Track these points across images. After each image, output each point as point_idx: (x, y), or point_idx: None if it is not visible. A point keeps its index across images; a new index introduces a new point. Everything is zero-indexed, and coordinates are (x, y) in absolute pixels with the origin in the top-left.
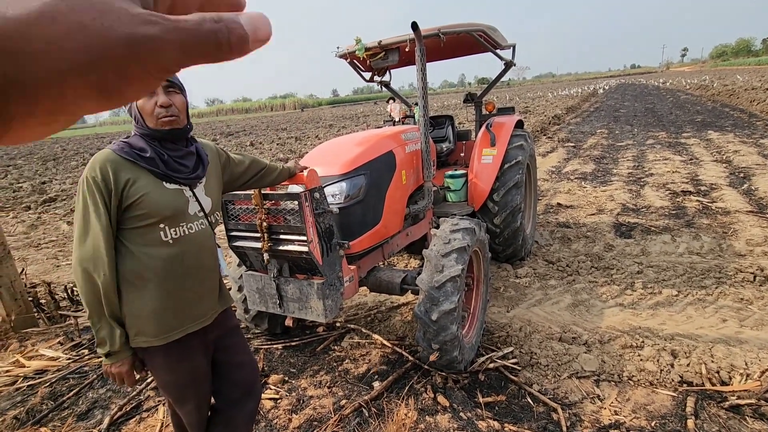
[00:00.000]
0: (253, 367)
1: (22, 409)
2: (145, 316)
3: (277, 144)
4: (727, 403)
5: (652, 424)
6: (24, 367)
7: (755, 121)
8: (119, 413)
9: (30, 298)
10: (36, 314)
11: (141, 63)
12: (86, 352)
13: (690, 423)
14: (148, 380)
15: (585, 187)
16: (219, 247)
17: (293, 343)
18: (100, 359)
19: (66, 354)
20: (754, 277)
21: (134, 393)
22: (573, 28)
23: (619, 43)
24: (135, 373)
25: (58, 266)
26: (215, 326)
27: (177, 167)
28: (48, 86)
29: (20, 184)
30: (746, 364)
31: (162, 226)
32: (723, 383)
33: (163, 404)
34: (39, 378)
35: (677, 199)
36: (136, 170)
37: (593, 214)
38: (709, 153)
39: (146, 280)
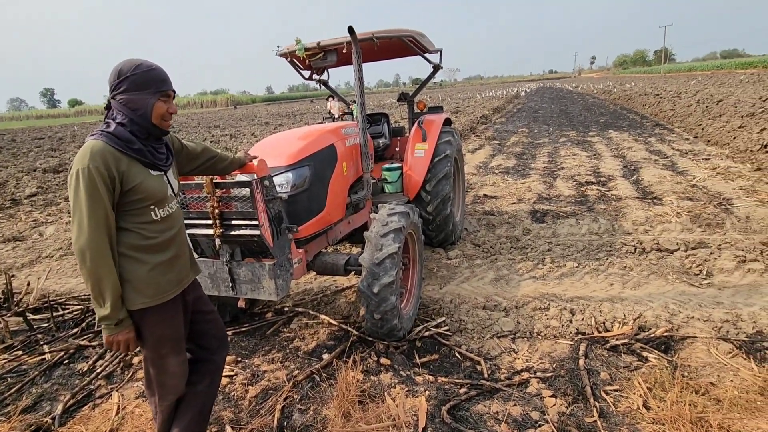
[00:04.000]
0: (222, 323)
1: None
2: (144, 282)
3: (211, 142)
4: (608, 344)
5: (554, 366)
6: None
7: (645, 122)
8: (72, 401)
9: None
10: None
11: None
12: (20, 353)
13: (581, 361)
14: (99, 370)
15: (507, 180)
16: None
17: (243, 329)
18: (38, 356)
19: None
20: (635, 249)
21: (85, 383)
22: (499, 34)
23: (539, 49)
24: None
25: None
26: (190, 291)
27: (159, 156)
28: None
29: None
30: (624, 315)
31: (153, 207)
32: (606, 330)
33: (117, 390)
34: None
35: (582, 189)
36: (127, 159)
37: (514, 203)
38: (609, 149)
39: (143, 251)
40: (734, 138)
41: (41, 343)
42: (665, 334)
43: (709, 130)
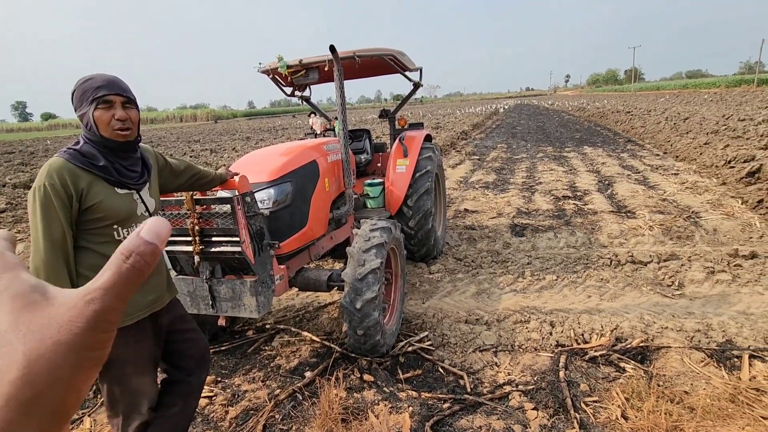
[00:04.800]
0: (204, 342)
1: None
2: None
3: (191, 157)
4: (587, 356)
5: (535, 378)
6: None
7: (618, 138)
8: None
9: None
10: None
11: (102, 338)
12: None
13: (561, 373)
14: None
15: (487, 195)
16: None
17: (223, 348)
18: None
19: None
20: (611, 261)
21: None
22: (478, 52)
23: (516, 67)
24: None
25: None
26: (165, 313)
27: (128, 174)
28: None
29: None
30: (602, 327)
31: (116, 226)
32: (585, 342)
33: (89, 415)
34: None
35: (559, 203)
36: (89, 177)
37: (494, 218)
38: (584, 164)
39: None
40: (700, 154)
41: None
42: (641, 344)
43: (677, 146)
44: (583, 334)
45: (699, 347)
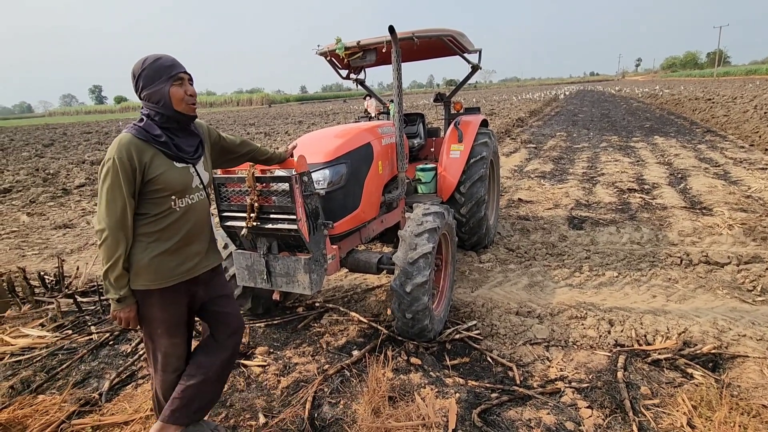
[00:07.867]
0: (239, 316)
1: (15, 380)
2: (146, 266)
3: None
4: (650, 358)
5: (590, 377)
6: (9, 345)
7: (695, 128)
8: (117, 379)
9: (3, 283)
10: (11, 299)
11: None
12: (70, 332)
13: (619, 374)
14: (141, 353)
15: (544, 185)
16: (213, 215)
17: (275, 322)
18: (87, 336)
19: (51, 333)
20: (681, 261)
21: (128, 363)
22: (537, 35)
23: (580, 50)
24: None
25: (23, 256)
26: (204, 285)
27: (185, 149)
28: None
29: None
30: (668, 329)
31: (173, 197)
32: (648, 344)
33: None
34: (26, 355)
35: (624, 196)
36: (152, 151)
37: (550, 209)
38: (654, 156)
39: (154, 238)
40: None
41: (89, 324)
42: (713, 351)
43: (767, 137)
44: (645, 335)
45: None
